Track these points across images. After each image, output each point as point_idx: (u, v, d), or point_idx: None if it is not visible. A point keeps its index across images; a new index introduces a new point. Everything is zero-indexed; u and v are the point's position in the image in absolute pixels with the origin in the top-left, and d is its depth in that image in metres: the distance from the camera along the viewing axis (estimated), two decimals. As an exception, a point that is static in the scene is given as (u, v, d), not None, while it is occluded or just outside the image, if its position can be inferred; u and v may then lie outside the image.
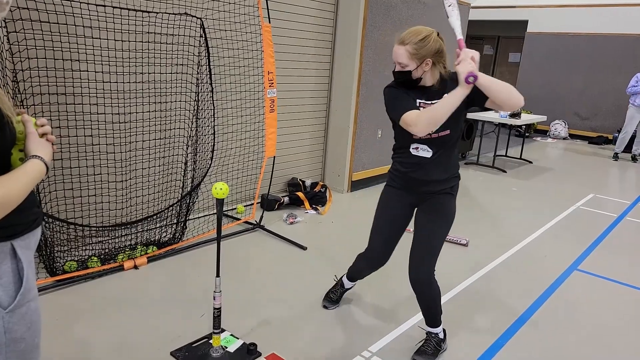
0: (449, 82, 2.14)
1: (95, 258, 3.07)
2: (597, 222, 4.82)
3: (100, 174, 3.30)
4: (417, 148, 2.20)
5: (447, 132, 2.13)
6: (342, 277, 2.88)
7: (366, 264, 2.61)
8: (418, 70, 2.08)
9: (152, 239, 3.41)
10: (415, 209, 2.39)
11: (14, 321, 1.04)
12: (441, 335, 2.49)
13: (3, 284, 1.03)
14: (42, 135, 1.10)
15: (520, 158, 7.76)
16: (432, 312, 2.42)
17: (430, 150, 2.17)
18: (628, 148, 8.29)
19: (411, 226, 2.40)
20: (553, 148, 9.27)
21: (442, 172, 2.22)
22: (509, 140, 8.14)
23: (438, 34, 2.12)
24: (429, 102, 2.14)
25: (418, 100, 2.15)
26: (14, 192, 0.95)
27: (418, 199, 2.33)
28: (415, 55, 2.05)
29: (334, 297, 2.87)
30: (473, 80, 1.95)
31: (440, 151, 2.17)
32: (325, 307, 2.86)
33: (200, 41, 3.53)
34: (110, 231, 3.31)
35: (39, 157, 1.03)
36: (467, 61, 1.94)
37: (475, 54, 1.98)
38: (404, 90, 2.16)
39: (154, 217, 3.51)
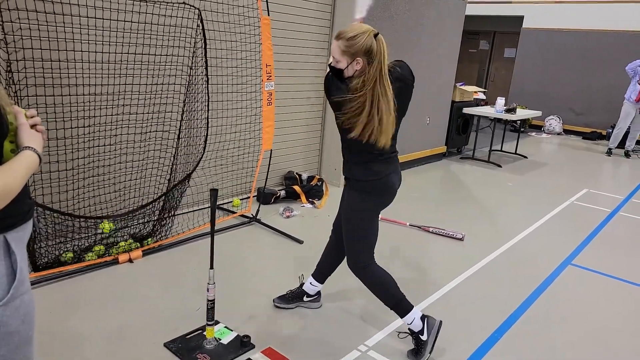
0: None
1: (98, 247, 3.05)
2: (591, 217, 4.85)
3: (96, 165, 3.28)
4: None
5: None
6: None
7: (328, 243, 2.69)
8: (349, 68, 2.05)
9: (139, 233, 3.38)
10: None
11: (7, 314, 1.04)
12: (416, 327, 2.39)
13: None
14: (33, 126, 1.09)
15: (516, 153, 7.79)
16: (383, 300, 2.42)
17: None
18: (621, 144, 8.33)
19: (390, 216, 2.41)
20: (547, 143, 9.31)
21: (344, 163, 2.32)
22: (504, 135, 8.16)
23: (376, 35, 2.03)
24: None
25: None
26: (14, 183, 0.95)
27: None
28: (346, 53, 2.03)
29: (288, 295, 2.78)
30: None
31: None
32: (274, 302, 2.77)
33: (197, 31, 3.50)
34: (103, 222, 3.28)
35: (32, 148, 1.03)
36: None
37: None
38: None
39: (143, 209, 3.46)
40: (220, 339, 2.40)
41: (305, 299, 2.78)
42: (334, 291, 2.97)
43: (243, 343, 2.38)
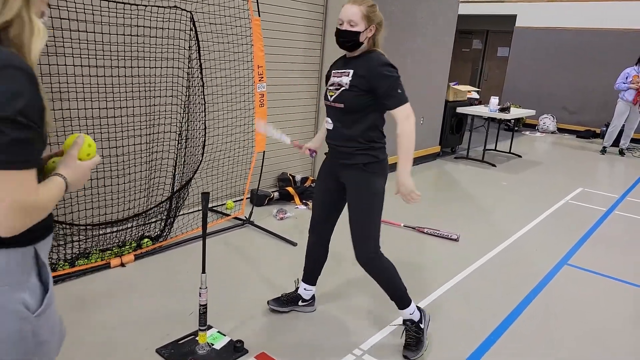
0: (362, 55, 2.23)
1: (95, 253, 3.02)
2: (586, 216, 4.85)
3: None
4: (326, 121, 2.37)
5: (341, 105, 2.22)
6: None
7: (308, 243, 2.65)
8: (364, 33, 2.17)
9: (138, 237, 3.37)
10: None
11: (40, 325, 1.05)
12: (416, 317, 2.44)
13: (31, 288, 1.03)
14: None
15: (510, 152, 7.80)
16: (392, 291, 2.42)
17: (331, 123, 2.32)
18: (616, 142, 8.36)
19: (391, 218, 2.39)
20: (542, 142, 9.33)
21: (343, 144, 2.29)
22: (498, 135, 8.18)
23: None
24: (340, 70, 2.26)
25: (333, 71, 2.31)
26: (49, 202, 1.00)
27: (338, 171, 2.38)
28: (367, 18, 2.16)
29: (283, 298, 2.75)
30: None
31: (338, 124, 2.28)
32: (268, 303, 2.72)
33: (190, 35, 3.47)
34: (99, 229, 3.25)
35: (62, 176, 1.06)
36: None
37: None
38: (329, 70, 2.36)
39: (144, 214, 3.46)
40: (213, 344, 2.37)
41: (300, 303, 2.76)
42: (327, 294, 2.95)
43: (236, 348, 2.35)
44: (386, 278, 2.41)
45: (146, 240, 3.34)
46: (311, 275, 2.71)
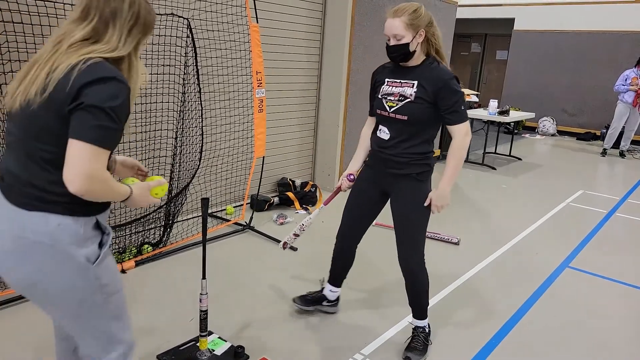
0: (426, 65, 2.19)
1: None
2: (587, 219, 4.84)
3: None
4: (380, 130, 2.31)
5: (405, 117, 2.19)
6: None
7: (336, 238, 2.63)
8: (413, 42, 2.12)
9: (139, 243, 3.36)
10: (386, 197, 2.43)
11: (99, 271, 1.40)
12: (427, 330, 2.50)
13: (91, 247, 1.39)
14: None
15: (510, 155, 7.80)
16: (419, 302, 2.45)
17: (388, 133, 2.27)
18: (616, 144, 8.35)
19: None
20: (542, 144, 9.33)
21: (399, 155, 2.26)
22: (498, 137, 8.18)
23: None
24: (398, 80, 2.22)
25: (387, 79, 2.26)
26: (110, 193, 1.35)
27: (385, 181, 2.36)
28: (411, 26, 2.10)
29: (309, 297, 2.76)
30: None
31: (398, 136, 2.24)
32: (294, 300, 2.73)
33: (187, 42, 3.48)
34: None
35: (132, 190, 1.44)
36: None
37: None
38: (377, 78, 2.34)
39: (141, 220, 3.46)
40: (213, 350, 2.36)
41: (324, 303, 2.78)
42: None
43: (237, 354, 2.34)
44: (424, 287, 2.44)
45: (146, 246, 3.34)
46: (338, 278, 2.73)
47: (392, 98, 2.22)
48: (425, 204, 2.27)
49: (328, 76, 5.06)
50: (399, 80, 2.22)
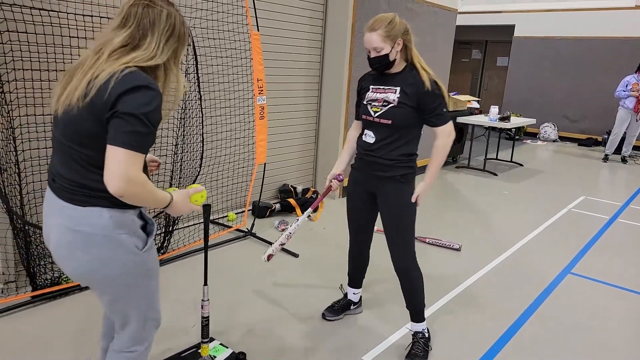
0: (407, 72, 2.29)
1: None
2: (589, 225, 4.84)
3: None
4: (365, 134, 2.40)
5: (389, 121, 2.28)
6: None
7: (349, 244, 2.72)
8: (392, 52, 2.22)
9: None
10: (377, 200, 2.48)
11: (146, 257, 1.56)
12: (427, 334, 2.52)
13: (139, 235, 1.54)
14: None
15: (511, 161, 7.80)
16: (415, 303, 2.49)
17: (373, 137, 2.36)
18: (618, 150, 8.35)
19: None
20: (543, 150, 9.33)
21: (385, 157, 2.33)
22: (499, 144, 8.19)
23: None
24: (383, 87, 2.32)
25: (371, 86, 2.37)
26: (151, 193, 1.46)
27: (371, 183, 2.43)
28: (389, 37, 2.20)
29: (336, 306, 2.84)
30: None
31: (383, 139, 2.32)
32: (324, 316, 2.81)
33: (188, 50, 3.52)
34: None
35: (172, 197, 1.55)
36: None
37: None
38: (363, 84, 2.44)
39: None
40: (215, 357, 2.36)
41: (351, 307, 2.86)
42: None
43: (238, 360, 2.35)
44: (419, 288, 2.49)
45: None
46: (358, 280, 2.82)
47: (376, 104, 2.32)
48: (413, 199, 2.35)
49: (329, 83, 5.09)
50: (382, 87, 2.33)
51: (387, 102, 2.28)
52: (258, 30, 3.70)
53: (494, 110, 7.08)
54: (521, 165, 7.65)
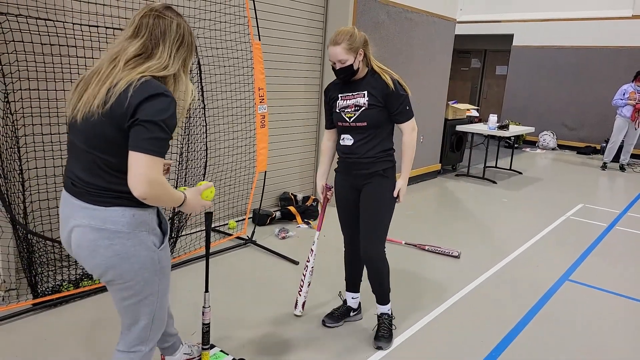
0: (369, 76, 2.47)
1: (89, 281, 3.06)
2: (587, 232, 4.87)
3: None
4: (343, 138, 2.56)
5: (364, 123, 2.45)
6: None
7: (344, 247, 2.84)
8: (356, 62, 2.39)
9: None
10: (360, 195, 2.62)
11: (161, 255, 1.67)
12: (391, 314, 2.71)
13: (156, 234, 1.65)
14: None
15: (510, 169, 7.84)
16: (380, 288, 2.67)
17: (351, 139, 2.51)
18: (616, 158, 8.39)
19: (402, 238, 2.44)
20: (542, 158, 9.37)
21: (365, 156, 2.50)
22: (499, 152, 8.23)
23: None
24: (350, 93, 2.48)
25: (340, 95, 2.53)
26: (168, 195, 1.57)
27: (356, 182, 2.58)
28: (351, 49, 2.36)
29: (336, 313, 2.88)
30: None
31: (361, 140, 2.49)
32: (324, 322, 2.83)
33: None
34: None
35: (185, 195, 1.65)
36: None
37: None
38: (330, 95, 2.59)
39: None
40: (216, 363, 2.39)
41: (351, 314, 2.92)
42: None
43: (239, 367, 2.37)
44: (385, 275, 2.66)
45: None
46: (355, 284, 2.89)
47: (349, 110, 2.48)
48: (395, 194, 2.53)
49: (329, 92, 5.13)
50: (350, 94, 2.49)
51: (358, 107, 2.45)
52: (259, 40, 3.75)
53: (493, 118, 7.13)
54: (520, 173, 7.68)
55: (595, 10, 9.80)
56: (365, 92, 2.45)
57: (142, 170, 1.45)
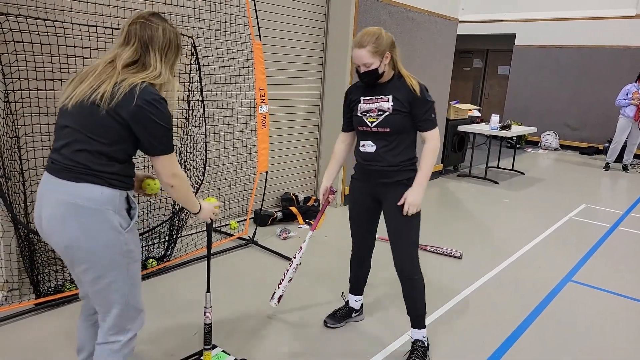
0: (395, 80, 2.37)
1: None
2: (590, 233, 4.84)
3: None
4: (363, 145, 2.44)
5: (387, 129, 2.34)
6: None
7: (352, 252, 2.75)
8: (381, 65, 2.29)
9: (144, 258, 3.39)
10: (381, 205, 2.50)
11: (128, 238, 1.71)
12: (426, 343, 2.52)
13: (123, 216, 1.70)
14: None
15: (512, 169, 7.82)
16: (416, 309, 2.50)
17: (373, 145, 2.39)
18: (619, 158, 8.35)
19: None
20: (544, 159, 9.35)
21: (388, 164, 2.38)
22: (501, 152, 8.20)
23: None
24: (373, 97, 2.37)
25: (362, 98, 2.41)
26: (189, 191, 1.85)
27: (376, 191, 2.46)
28: (377, 52, 2.26)
29: (338, 314, 2.85)
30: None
31: (384, 147, 2.37)
32: (325, 323, 2.81)
33: (191, 59, 3.56)
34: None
35: (200, 203, 1.95)
36: None
37: None
38: (352, 97, 2.48)
39: (147, 234, 3.49)
40: (217, 364, 2.38)
41: (353, 315, 2.88)
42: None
43: (240, 368, 2.36)
44: (422, 294, 2.50)
45: (151, 260, 3.37)
46: (360, 287, 2.84)
47: (371, 114, 2.37)
48: (399, 203, 2.36)
49: (330, 92, 5.12)
50: (374, 97, 2.38)
51: (382, 111, 2.33)
52: (260, 40, 3.74)
53: (495, 118, 7.10)
54: (522, 173, 7.66)
55: (598, 10, 9.77)
56: (390, 97, 2.33)
57: (168, 169, 1.72)
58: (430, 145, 2.36)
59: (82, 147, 1.64)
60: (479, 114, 8.25)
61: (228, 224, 4.36)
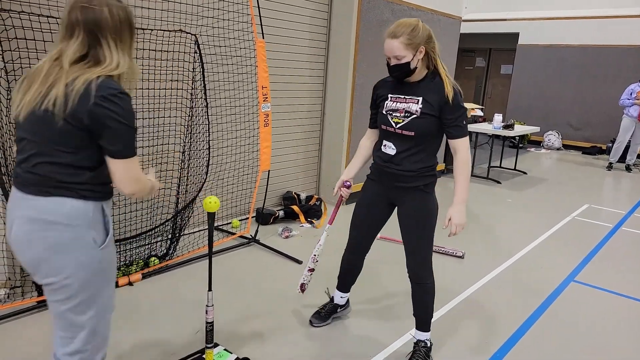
0: (428, 80, 2.21)
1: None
2: (593, 233, 4.83)
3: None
4: (385, 145, 2.31)
5: (412, 133, 2.21)
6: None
7: (346, 251, 2.68)
8: (414, 60, 2.12)
9: (146, 256, 3.40)
10: (395, 209, 2.45)
11: (103, 255, 1.54)
12: (429, 344, 2.50)
13: (97, 230, 1.54)
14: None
15: (515, 169, 7.80)
16: (424, 312, 2.46)
17: (394, 148, 2.27)
18: (622, 158, 8.33)
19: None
20: (547, 158, 9.33)
21: (407, 169, 2.27)
22: (503, 151, 8.18)
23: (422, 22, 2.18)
24: (403, 96, 2.23)
25: (390, 95, 2.27)
26: (149, 188, 1.64)
27: (392, 194, 2.38)
28: (411, 45, 2.10)
29: (323, 312, 2.82)
30: None
31: (405, 150, 2.25)
32: (311, 322, 2.79)
33: (194, 57, 3.55)
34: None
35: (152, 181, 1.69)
36: None
37: None
38: (379, 92, 2.34)
39: (149, 233, 3.49)
40: (218, 363, 2.38)
41: (338, 310, 2.84)
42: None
43: (242, 366, 2.36)
44: (427, 299, 2.45)
45: (153, 259, 3.37)
46: (348, 285, 2.80)
47: (397, 114, 2.22)
48: (444, 227, 2.28)
49: (333, 90, 5.11)
50: (402, 96, 2.23)
51: (409, 113, 2.19)
52: (263, 38, 3.73)
53: (498, 118, 7.09)
54: (525, 173, 7.64)
55: (602, 9, 9.74)
56: (420, 99, 2.17)
57: (127, 174, 1.50)
58: (462, 157, 2.22)
59: (43, 159, 1.46)
60: (481, 113, 8.23)
61: (230, 223, 4.36)
